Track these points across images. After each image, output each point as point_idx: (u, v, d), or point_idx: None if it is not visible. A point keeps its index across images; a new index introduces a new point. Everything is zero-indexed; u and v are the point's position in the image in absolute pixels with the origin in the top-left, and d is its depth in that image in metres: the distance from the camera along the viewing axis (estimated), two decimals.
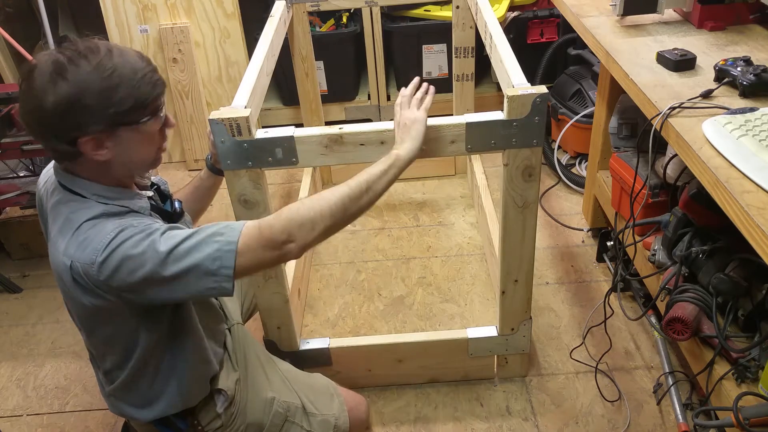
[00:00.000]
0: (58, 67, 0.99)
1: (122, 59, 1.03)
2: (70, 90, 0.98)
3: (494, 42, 1.55)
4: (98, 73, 1.00)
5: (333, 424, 1.36)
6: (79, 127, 1.00)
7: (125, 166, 1.10)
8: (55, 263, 1.07)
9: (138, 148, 1.09)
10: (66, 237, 1.04)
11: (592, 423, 1.64)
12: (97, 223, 1.04)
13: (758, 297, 1.35)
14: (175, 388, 1.21)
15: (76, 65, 0.99)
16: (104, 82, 1.00)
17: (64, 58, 0.99)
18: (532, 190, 1.38)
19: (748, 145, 1.12)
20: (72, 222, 1.05)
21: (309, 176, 2.45)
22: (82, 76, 0.99)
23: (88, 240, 1.02)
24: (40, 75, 0.99)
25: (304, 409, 1.36)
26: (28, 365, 1.97)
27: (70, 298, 1.10)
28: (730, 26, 1.67)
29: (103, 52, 1.02)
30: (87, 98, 0.99)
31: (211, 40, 2.78)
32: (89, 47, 1.02)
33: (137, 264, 1.01)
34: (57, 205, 1.09)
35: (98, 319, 1.11)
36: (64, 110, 0.99)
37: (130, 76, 1.02)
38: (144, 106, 1.05)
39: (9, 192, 2.30)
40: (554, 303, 2.02)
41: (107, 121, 1.02)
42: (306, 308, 2.07)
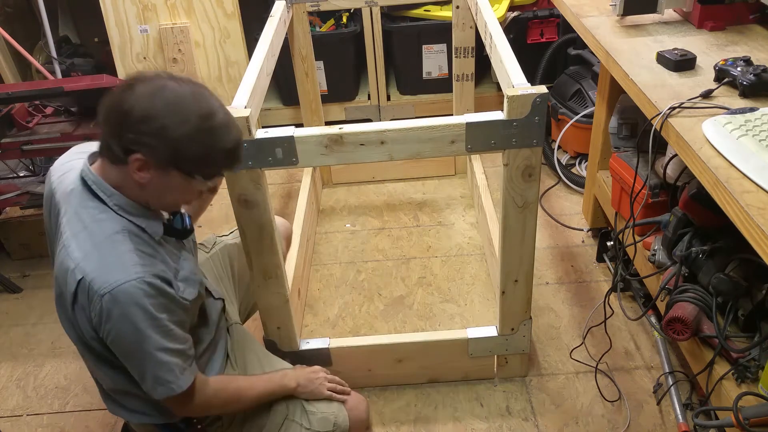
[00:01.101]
0: (166, 88, 1.00)
1: (224, 123, 1.05)
2: (162, 112, 0.99)
3: (494, 42, 1.55)
4: (198, 122, 1.01)
5: (332, 421, 1.36)
6: (141, 144, 1.00)
7: (152, 198, 1.10)
8: (62, 270, 1.05)
9: (173, 193, 1.10)
10: (82, 248, 1.03)
11: (592, 423, 1.64)
12: (120, 242, 1.04)
13: (758, 297, 1.35)
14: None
15: (183, 98, 1.01)
16: (197, 132, 1.01)
17: (177, 85, 1.01)
18: (532, 190, 1.38)
19: (748, 145, 1.12)
20: (92, 233, 1.04)
21: (309, 176, 2.45)
22: (182, 114, 1.00)
23: (107, 266, 1.02)
24: (146, 81, 1.01)
25: (303, 407, 1.36)
26: (28, 365, 1.97)
27: (63, 311, 1.09)
28: (730, 26, 1.67)
29: (213, 105, 1.04)
30: (173, 131, 1.00)
31: (211, 40, 2.78)
32: (204, 94, 1.04)
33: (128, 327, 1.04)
34: (76, 208, 1.07)
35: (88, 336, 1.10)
36: (141, 121, 0.99)
37: (217, 142, 1.04)
38: (210, 170, 1.08)
39: (9, 192, 2.30)
40: (554, 303, 2.02)
41: (169, 159, 1.02)
42: (306, 308, 2.07)
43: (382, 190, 2.66)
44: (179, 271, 1.16)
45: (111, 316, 1.02)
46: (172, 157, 1.02)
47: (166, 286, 1.07)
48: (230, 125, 1.06)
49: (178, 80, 1.03)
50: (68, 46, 3.12)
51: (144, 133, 0.99)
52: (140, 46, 2.76)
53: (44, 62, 2.90)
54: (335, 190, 2.69)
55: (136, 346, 1.05)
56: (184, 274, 1.17)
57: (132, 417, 1.23)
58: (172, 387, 1.09)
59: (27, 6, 3.07)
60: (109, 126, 1.02)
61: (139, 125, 0.99)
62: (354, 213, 2.54)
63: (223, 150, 1.05)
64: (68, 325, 1.12)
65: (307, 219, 2.25)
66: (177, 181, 1.06)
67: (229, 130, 1.06)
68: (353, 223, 2.48)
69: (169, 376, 1.09)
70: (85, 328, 1.07)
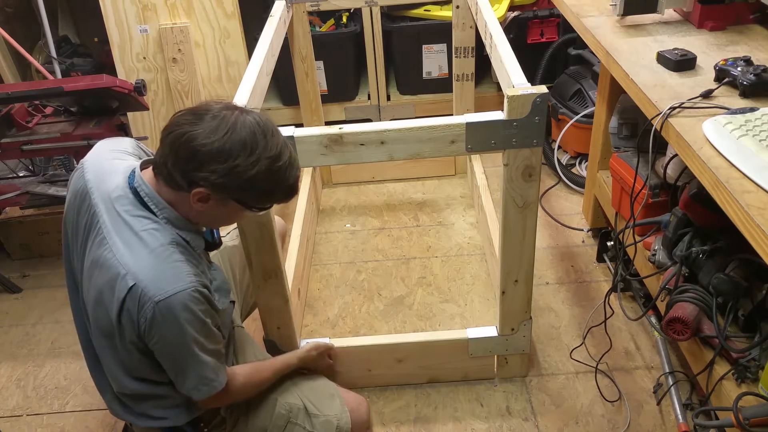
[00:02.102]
0: (237, 125, 1.01)
1: (290, 161, 1.07)
2: (234, 152, 1.00)
3: (494, 42, 1.55)
4: (268, 163, 1.03)
5: (335, 424, 1.36)
6: (209, 182, 1.02)
7: (203, 220, 1.13)
8: (109, 276, 1.05)
9: (227, 218, 1.16)
10: (135, 255, 1.05)
11: (592, 423, 1.64)
12: (172, 253, 1.07)
13: (758, 297, 1.35)
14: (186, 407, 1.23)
15: (254, 137, 1.02)
16: (265, 171, 1.03)
17: (251, 122, 1.02)
18: (532, 190, 1.38)
19: (748, 145, 1.12)
20: (145, 242, 1.06)
21: (309, 176, 2.45)
22: (254, 155, 1.01)
23: (163, 273, 1.04)
24: (216, 116, 1.01)
25: (306, 410, 1.36)
26: (28, 365, 1.97)
27: (104, 315, 1.09)
28: (730, 26, 1.67)
29: (281, 142, 1.06)
30: (244, 172, 1.01)
31: (211, 40, 2.78)
32: (272, 129, 1.06)
33: (179, 333, 1.07)
34: (124, 215, 1.08)
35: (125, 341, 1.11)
36: (213, 160, 1.00)
37: (284, 178, 1.07)
38: (268, 204, 1.13)
39: (9, 192, 2.30)
40: (554, 303, 2.02)
41: (233, 195, 1.05)
42: (306, 308, 2.07)
43: (382, 190, 2.66)
44: (213, 281, 1.20)
45: (163, 322, 1.04)
46: (237, 193, 1.05)
47: (212, 297, 1.11)
48: (294, 163, 1.09)
49: (244, 113, 1.04)
50: (68, 46, 3.12)
51: (215, 171, 1.01)
52: (140, 45, 2.76)
53: (44, 62, 2.90)
54: (335, 190, 2.69)
55: (184, 351, 1.09)
56: (217, 284, 1.21)
57: (145, 422, 1.22)
58: (215, 385, 1.15)
59: (27, 6, 3.06)
60: (177, 158, 1.03)
61: (210, 164, 1.00)
62: (354, 213, 2.54)
63: (287, 188, 1.08)
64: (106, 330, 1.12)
65: (307, 219, 2.25)
66: (233, 210, 1.10)
67: (292, 168, 1.08)
68: (353, 223, 2.48)
69: (211, 375, 1.14)
70: (129, 334, 1.08)
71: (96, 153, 1.21)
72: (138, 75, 2.80)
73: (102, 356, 1.18)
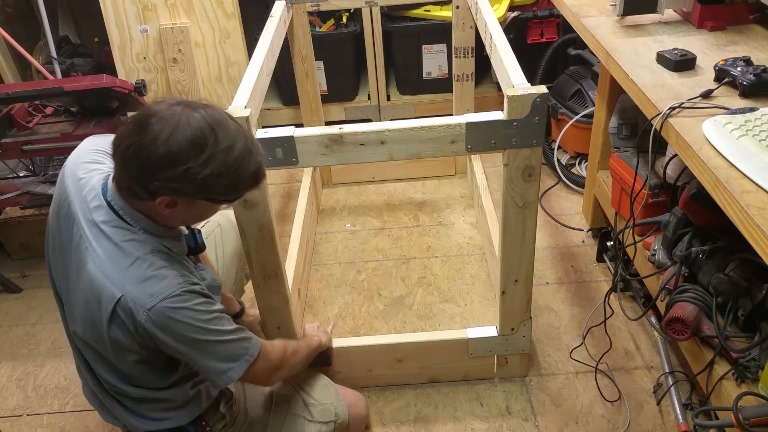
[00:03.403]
0: (181, 125, 0.97)
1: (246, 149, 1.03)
2: (184, 154, 0.97)
3: (494, 42, 1.55)
4: (222, 157, 0.99)
5: (333, 411, 1.38)
6: (167, 189, 1.00)
7: (178, 221, 1.13)
8: (95, 288, 1.05)
9: (202, 215, 1.14)
10: (119, 266, 1.04)
11: (592, 423, 1.64)
12: (155, 261, 1.06)
13: (758, 297, 1.35)
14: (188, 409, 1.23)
15: (203, 133, 0.98)
16: (222, 166, 1.00)
17: (193, 119, 0.98)
18: (532, 190, 1.38)
19: (748, 145, 1.12)
20: (127, 253, 1.05)
21: (309, 176, 2.45)
22: (205, 152, 0.98)
23: (148, 281, 1.03)
24: (160, 119, 0.97)
25: (303, 400, 1.37)
26: (28, 365, 1.97)
27: (91, 325, 1.09)
28: (730, 26, 1.67)
29: (233, 132, 1.02)
30: (198, 172, 0.98)
31: (211, 40, 2.78)
32: (221, 121, 1.01)
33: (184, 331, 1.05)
34: (104, 226, 1.07)
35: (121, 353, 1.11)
36: (164, 168, 0.97)
37: (245, 169, 1.03)
38: (235, 196, 1.09)
39: (9, 192, 2.30)
40: (554, 303, 2.02)
41: (197, 194, 1.03)
42: (306, 308, 2.07)
43: (382, 190, 2.66)
44: (203, 280, 1.19)
45: (164, 326, 1.04)
46: (199, 193, 1.03)
47: (207, 293, 1.11)
48: (252, 149, 1.05)
49: (191, 109, 1.00)
50: (68, 46, 3.12)
51: (168, 179, 0.98)
52: (140, 46, 2.76)
53: (44, 62, 2.90)
54: (335, 190, 2.69)
55: (201, 342, 1.08)
56: (207, 283, 1.20)
57: (146, 424, 1.22)
58: (247, 358, 1.14)
59: (27, 6, 3.07)
60: (129, 173, 1.01)
61: (163, 171, 0.98)
62: (354, 213, 2.54)
63: (249, 176, 1.06)
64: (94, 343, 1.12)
65: (307, 219, 2.25)
66: (203, 207, 1.09)
67: (251, 155, 1.05)
68: (353, 223, 2.48)
69: (240, 350, 1.13)
70: (128, 344, 1.07)
71: (75, 156, 1.18)
72: (138, 75, 2.80)
73: (95, 367, 1.18)
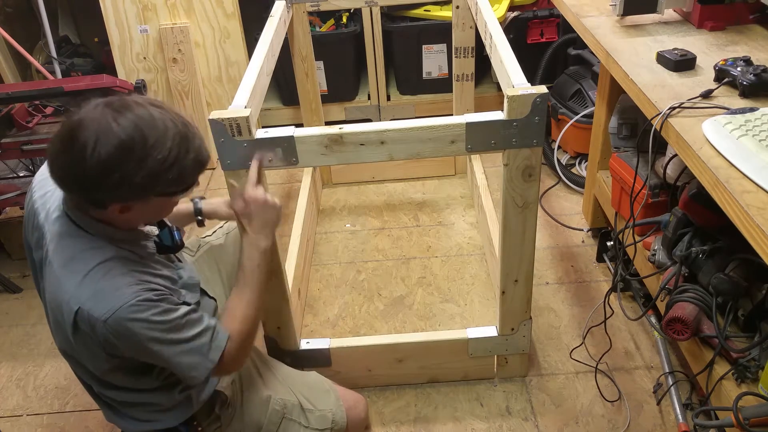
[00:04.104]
0: (106, 132, 0.94)
1: (180, 138, 0.99)
2: (115, 162, 0.94)
3: (494, 42, 1.55)
4: (155, 153, 0.96)
5: (330, 418, 1.36)
6: (112, 197, 0.98)
7: (139, 221, 1.11)
8: (56, 301, 1.04)
9: (160, 211, 1.11)
10: (74, 278, 1.02)
11: (592, 423, 1.64)
12: (111, 269, 1.03)
13: (758, 297, 1.35)
14: (176, 412, 1.22)
15: (130, 136, 0.95)
16: (157, 164, 0.97)
17: (116, 123, 0.94)
18: (532, 190, 1.38)
19: (748, 145, 1.12)
20: (83, 263, 1.03)
21: (309, 176, 2.45)
22: (136, 155, 0.95)
23: (102, 292, 1.01)
24: (84, 128, 0.94)
25: (300, 406, 1.36)
26: (28, 365, 1.97)
27: (62, 336, 1.08)
28: (730, 26, 1.67)
29: (159, 124, 0.98)
30: (134, 175, 0.96)
31: (211, 40, 2.78)
32: (144, 116, 0.97)
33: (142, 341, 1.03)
34: (63, 237, 1.06)
35: (93, 361, 1.11)
36: (101, 178, 0.95)
37: (183, 158, 1.00)
38: (187, 185, 1.05)
39: (9, 192, 2.30)
40: (554, 303, 2.02)
41: (145, 193, 1.01)
42: (306, 308, 2.07)
43: (382, 190, 2.66)
44: (178, 279, 1.17)
45: (121, 336, 1.02)
46: (146, 191, 1.01)
47: (163, 298, 1.06)
48: (185, 135, 1.01)
49: (112, 110, 0.96)
50: (68, 46, 3.12)
51: (109, 187, 0.96)
52: (140, 46, 2.76)
53: (44, 62, 2.90)
54: (335, 190, 2.69)
55: (158, 353, 1.06)
56: (183, 281, 1.18)
57: (135, 426, 1.22)
58: (207, 366, 1.11)
59: (27, 6, 3.07)
60: (70, 190, 1.00)
61: (100, 183, 0.95)
62: (354, 213, 2.54)
63: (190, 163, 1.02)
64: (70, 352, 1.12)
65: (307, 219, 2.25)
66: (159, 203, 1.06)
67: (187, 141, 1.01)
68: (353, 223, 2.48)
69: (197, 359, 1.10)
70: (96, 351, 1.07)
71: (43, 169, 1.17)
72: (138, 75, 2.80)
73: (77, 374, 1.19)
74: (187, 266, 1.24)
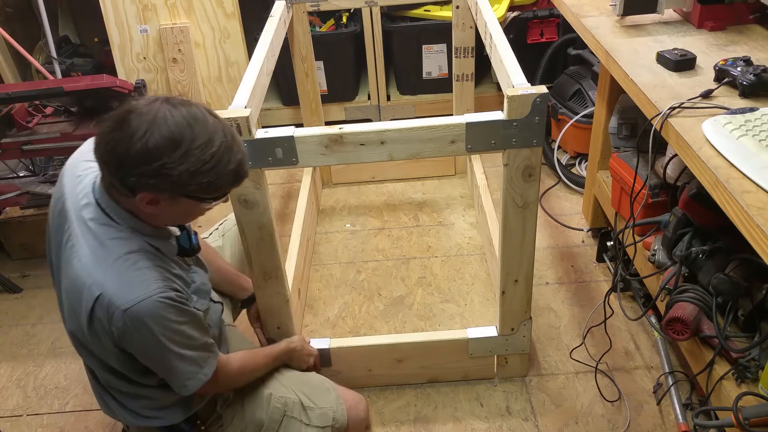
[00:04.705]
0: (158, 120, 0.97)
1: (225, 146, 1.02)
2: (159, 150, 0.96)
3: (494, 42, 1.55)
4: (198, 153, 0.99)
5: (331, 416, 1.37)
6: (145, 185, 1.00)
7: (163, 221, 1.12)
8: (76, 285, 1.05)
9: (186, 215, 1.12)
10: (100, 264, 1.04)
11: (592, 423, 1.64)
12: (138, 260, 1.05)
13: (758, 297, 1.35)
14: (178, 409, 1.22)
15: (180, 129, 0.97)
16: (198, 164, 0.99)
17: (171, 116, 0.97)
18: (532, 190, 1.38)
19: (748, 145, 1.12)
20: (110, 250, 1.05)
21: (309, 176, 2.45)
22: (181, 148, 0.97)
23: (128, 281, 1.03)
24: (138, 115, 0.97)
25: (301, 403, 1.37)
26: (28, 365, 1.97)
27: (75, 322, 1.09)
28: (730, 26, 1.67)
29: (211, 129, 1.00)
30: (173, 168, 0.98)
31: (211, 40, 2.78)
32: (199, 117, 1.00)
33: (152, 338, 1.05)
34: (90, 224, 1.07)
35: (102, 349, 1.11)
36: (141, 163, 0.97)
37: (222, 166, 1.02)
38: (218, 194, 1.07)
39: (9, 192, 2.30)
40: (554, 303, 2.02)
41: (177, 192, 1.02)
42: (306, 308, 2.07)
43: (382, 190, 2.66)
44: (191, 283, 1.18)
45: (135, 329, 1.04)
46: (178, 190, 1.02)
47: (183, 301, 1.10)
48: (230, 146, 1.04)
49: (171, 105, 1.00)
50: (68, 46, 3.12)
51: (145, 174, 0.98)
52: (140, 46, 2.76)
53: (44, 62, 2.90)
54: (335, 190, 2.69)
55: (161, 355, 1.08)
56: (195, 286, 1.19)
57: (138, 420, 1.22)
58: (200, 377, 1.15)
59: (27, 6, 3.07)
60: (108, 168, 1.01)
61: (139, 167, 0.97)
62: (354, 213, 2.54)
63: (228, 173, 1.04)
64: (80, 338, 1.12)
65: (307, 219, 2.25)
66: (187, 206, 1.07)
67: (230, 152, 1.03)
68: (353, 223, 2.48)
69: (194, 369, 1.14)
70: (105, 341, 1.08)
71: (77, 154, 1.19)
72: (138, 75, 2.80)
73: (86, 361, 1.19)
74: (200, 272, 1.26)
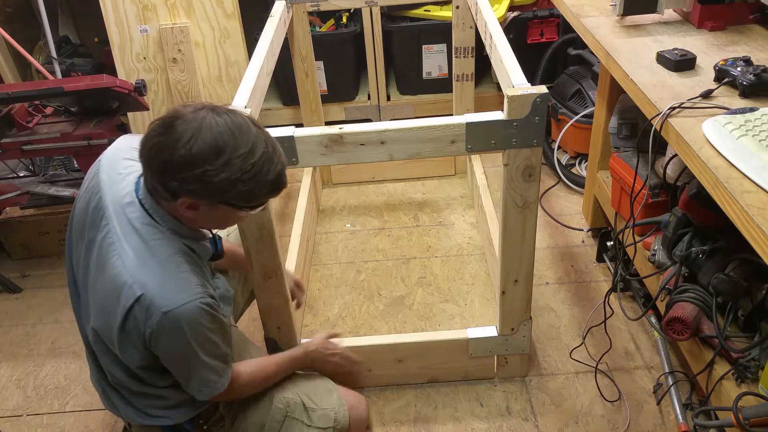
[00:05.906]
0: (203, 128, 0.98)
1: (266, 157, 1.03)
2: (202, 156, 0.98)
3: (494, 42, 1.55)
4: (240, 162, 1.00)
5: (333, 417, 1.37)
6: (187, 190, 1.01)
7: (200, 224, 1.13)
8: (113, 282, 1.05)
9: (223, 221, 1.13)
10: (144, 264, 1.05)
11: (592, 423, 1.64)
12: (181, 263, 1.07)
13: (758, 297, 1.35)
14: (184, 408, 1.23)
15: (223, 138, 0.99)
16: (238, 172, 1.00)
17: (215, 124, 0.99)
18: (532, 190, 1.38)
19: (748, 145, 1.12)
20: (153, 251, 1.06)
21: (309, 176, 2.45)
22: (223, 156, 0.99)
23: (172, 284, 1.04)
24: (183, 121, 0.99)
25: (303, 404, 1.37)
26: (28, 365, 1.97)
27: (103, 319, 1.09)
28: (730, 26, 1.67)
29: (253, 138, 1.02)
30: (214, 176, 0.99)
31: (211, 40, 2.78)
32: (243, 126, 1.01)
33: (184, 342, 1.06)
34: (133, 223, 1.08)
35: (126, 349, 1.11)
36: (183, 168, 0.98)
37: (262, 176, 1.03)
38: (256, 203, 1.08)
39: (9, 192, 2.30)
40: (554, 303, 2.02)
41: (216, 199, 1.03)
42: (306, 308, 2.07)
43: (382, 190, 2.66)
44: (216, 289, 1.19)
45: (169, 332, 1.04)
46: (218, 197, 1.03)
47: (217, 308, 1.11)
48: (271, 157, 1.05)
49: (216, 113, 1.01)
50: (68, 46, 3.12)
51: (187, 179, 0.99)
52: (140, 46, 2.76)
53: (44, 62, 2.90)
54: (335, 190, 2.69)
55: (187, 360, 1.09)
56: (220, 292, 1.21)
57: (143, 419, 1.22)
58: (217, 387, 1.16)
59: (27, 6, 3.07)
60: (152, 172, 1.03)
61: (182, 172, 0.99)
62: (354, 213, 2.54)
63: (267, 183, 1.05)
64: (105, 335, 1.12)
65: (307, 219, 2.25)
66: (225, 213, 1.08)
67: (271, 163, 1.04)
68: (353, 223, 2.48)
69: (214, 378, 1.15)
70: (135, 341, 1.08)
71: (114, 150, 1.20)
72: (138, 75, 2.80)
73: (101, 358, 1.19)
74: (221, 278, 1.27)
